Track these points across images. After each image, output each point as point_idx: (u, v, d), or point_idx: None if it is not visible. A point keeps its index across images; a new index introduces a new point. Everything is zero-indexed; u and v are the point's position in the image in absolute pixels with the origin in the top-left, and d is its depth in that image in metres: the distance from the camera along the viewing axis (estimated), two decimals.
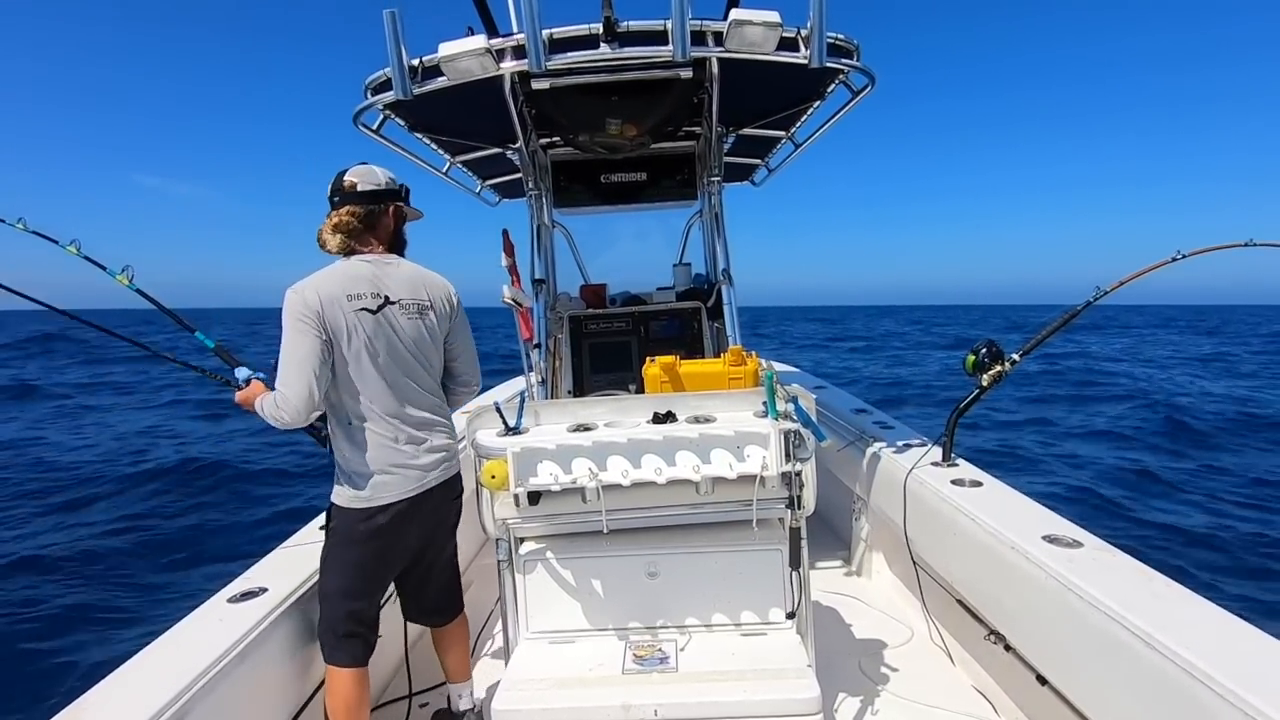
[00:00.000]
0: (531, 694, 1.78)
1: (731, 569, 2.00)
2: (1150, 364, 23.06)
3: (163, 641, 1.81)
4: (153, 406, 15.32)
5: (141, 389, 17.83)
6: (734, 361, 2.36)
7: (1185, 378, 18.97)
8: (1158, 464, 9.27)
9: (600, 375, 3.82)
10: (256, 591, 2.05)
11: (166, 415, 14.15)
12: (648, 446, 1.82)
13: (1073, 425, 12.01)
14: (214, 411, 13.18)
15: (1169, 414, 12.54)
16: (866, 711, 2.27)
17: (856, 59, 2.55)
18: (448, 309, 2.21)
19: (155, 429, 12.63)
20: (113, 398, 16.77)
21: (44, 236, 2.62)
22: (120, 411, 14.71)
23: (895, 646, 2.72)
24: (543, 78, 2.74)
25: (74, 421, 13.45)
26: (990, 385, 2.83)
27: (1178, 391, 15.72)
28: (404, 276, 2.13)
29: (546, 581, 2.04)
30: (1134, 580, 1.85)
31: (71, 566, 6.10)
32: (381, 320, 2.04)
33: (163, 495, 8.36)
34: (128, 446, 10.95)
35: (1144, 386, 16.64)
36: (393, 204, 2.16)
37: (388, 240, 2.17)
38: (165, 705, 1.52)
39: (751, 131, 3.80)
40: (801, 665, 1.82)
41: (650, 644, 1.95)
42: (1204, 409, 13.21)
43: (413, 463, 2.06)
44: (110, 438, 11.72)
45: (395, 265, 2.14)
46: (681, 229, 4.63)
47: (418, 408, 2.10)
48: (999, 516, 2.30)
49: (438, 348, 2.19)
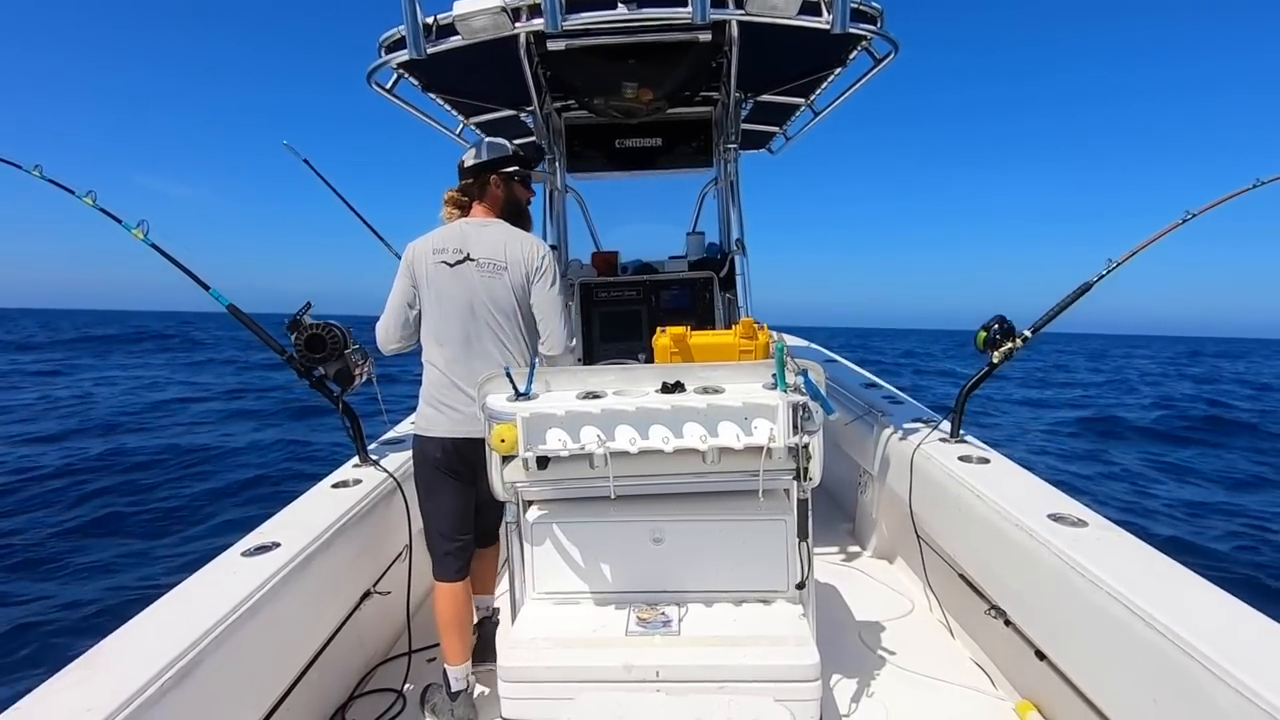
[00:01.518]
0: (536, 652, 1.81)
1: (736, 538, 2.02)
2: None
3: (176, 594, 1.85)
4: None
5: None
6: (745, 334, 2.34)
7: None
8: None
9: (610, 344, 3.82)
10: (270, 546, 2.09)
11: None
12: (656, 416, 1.83)
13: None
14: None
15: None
16: (865, 680, 2.31)
17: (880, 25, 2.48)
18: (522, 271, 2.32)
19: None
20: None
21: (60, 185, 2.62)
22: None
23: (896, 618, 2.75)
24: (558, 38, 2.69)
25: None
26: (1001, 362, 2.80)
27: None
28: (491, 238, 2.31)
29: (553, 544, 2.07)
30: (1137, 560, 1.86)
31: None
32: (458, 274, 2.27)
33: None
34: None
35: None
36: (491, 174, 2.36)
37: (499, 207, 2.40)
38: (177, 656, 1.55)
39: (770, 98, 3.73)
40: (802, 633, 1.85)
41: (654, 608, 1.98)
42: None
43: (462, 409, 2.25)
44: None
45: (487, 228, 2.34)
46: (695, 197, 4.58)
47: (481, 358, 2.27)
48: (1005, 493, 2.31)
49: (514, 305, 2.32)
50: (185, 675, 1.55)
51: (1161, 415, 14.92)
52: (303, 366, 2.60)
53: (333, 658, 2.21)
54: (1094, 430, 13.08)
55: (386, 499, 2.58)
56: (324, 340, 2.58)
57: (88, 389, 15.99)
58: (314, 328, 2.58)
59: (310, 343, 2.58)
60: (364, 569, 2.46)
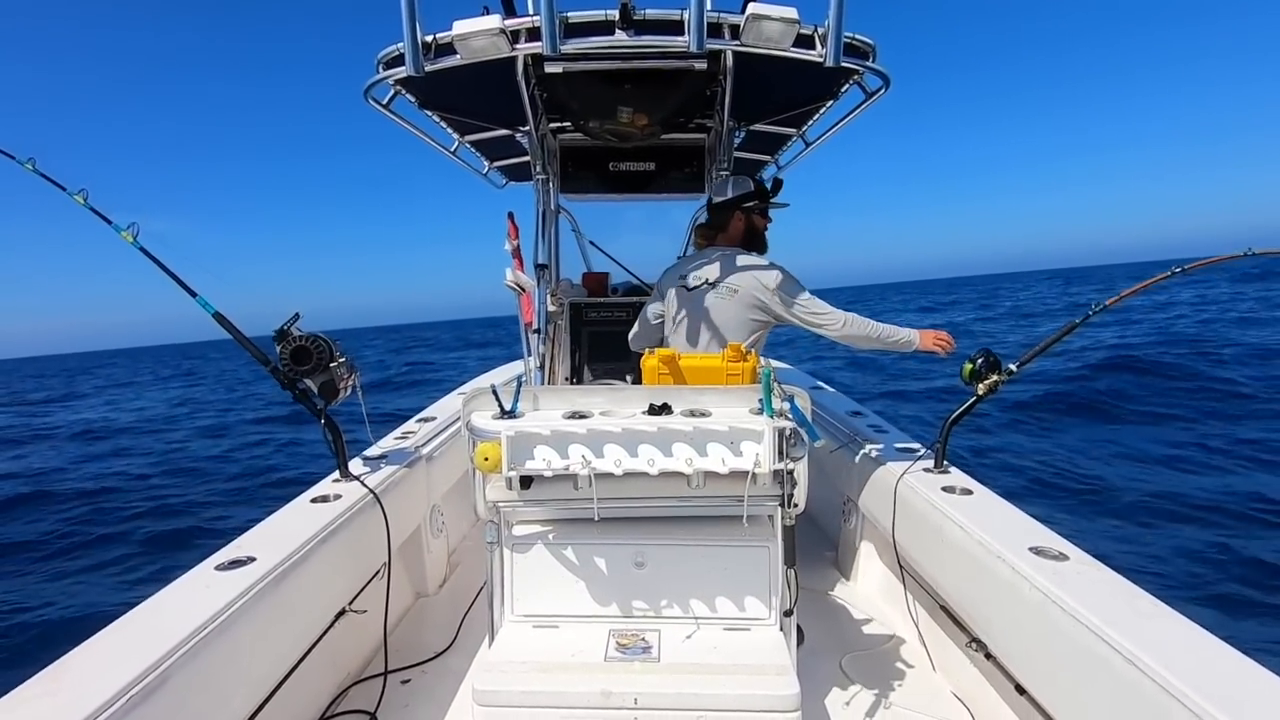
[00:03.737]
0: (513, 676, 1.79)
1: (718, 563, 2.01)
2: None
3: (147, 606, 1.81)
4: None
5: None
6: (733, 357, 2.36)
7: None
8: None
9: (598, 364, 3.81)
10: (245, 560, 2.05)
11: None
12: (642, 437, 1.83)
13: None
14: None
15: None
16: (846, 712, 2.29)
17: (873, 60, 2.53)
18: (757, 297, 2.76)
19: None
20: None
21: (50, 180, 2.57)
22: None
23: (877, 648, 2.74)
24: (556, 61, 2.73)
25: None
26: (985, 395, 2.83)
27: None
28: (727, 266, 2.79)
29: (534, 565, 2.05)
30: (1117, 596, 1.87)
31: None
32: (695, 296, 2.81)
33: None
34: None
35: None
36: (735, 210, 2.92)
37: (738, 238, 2.94)
38: (145, 670, 1.51)
39: (762, 128, 3.79)
40: (783, 662, 1.83)
41: (634, 633, 1.96)
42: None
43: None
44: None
45: (725, 256, 2.84)
46: (686, 223, 4.62)
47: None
48: (987, 525, 2.31)
49: (744, 323, 2.78)
50: (153, 690, 1.51)
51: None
52: (287, 378, 2.57)
53: (305, 676, 2.16)
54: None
55: (366, 515, 2.54)
56: (310, 352, 2.56)
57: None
58: (300, 339, 2.56)
59: (296, 354, 2.55)
60: (341, 586, 2.42)
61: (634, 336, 3.12)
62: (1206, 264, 2.77)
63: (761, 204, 2.97)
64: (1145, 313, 23.31)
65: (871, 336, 2.84)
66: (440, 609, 3.10)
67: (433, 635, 2.82)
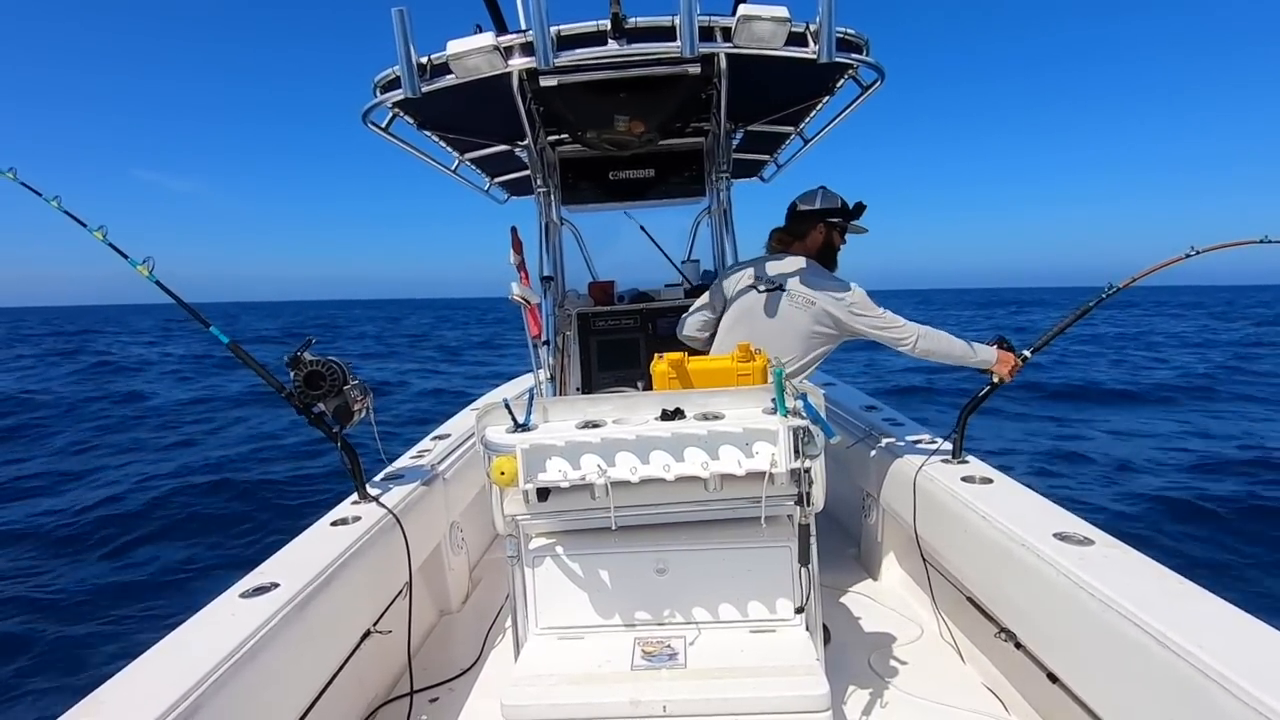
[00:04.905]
0: (540, 690, 1.78)
1: (740, 566, 2.00)
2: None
3: (174, 638, 1.82)
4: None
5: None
6: (742, 358, 2.35)
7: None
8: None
9: (608, 372, 3.82)
10: (268, 587, 2.06)
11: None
12: (656, 443, 1.82)
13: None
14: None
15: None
16: (876, 708, 2.27)
17: (866, 54, 2.53)
18: (831, 314, 2.76)
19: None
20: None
21: (30, 188, 2.55)
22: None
23: (905, 644, 2.71)
24: (550, 75, 2.74)
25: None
26: (1001, 382, 2.81)
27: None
28: (810, 278, 2.81)
29: (555, 578, 2.04)
30: (1146, 578, 1.84)
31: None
32: (767, 299, 2.82)
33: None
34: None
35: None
36: (819, 222, 2.92)
37: (814, 249, 2.94)
38: (176, 701, 1.52)
39: (760, 127, 3.79)
40: (811, 662, 1.82)
41: (659, 640, 1.95)
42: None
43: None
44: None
45: (808, 269, 2.85)
46: (689, 226, 4.62)
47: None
48: (1009, 513, 2.29)
49: (809, 335, 2.78)
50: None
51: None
52: (301, 403, 2.59)
53: (334, 699, 2.17)
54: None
55: (386, 536, 2.55)
56: (323, 376, 2.58)
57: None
58: (313, 364, 2.58)
59: (309, 379, 2.57)
60: (364, 608, 2.43)
61: (682, 322, 3.15)
62: (1219, 248, 2.74)
63: (845, 221, 2.96)
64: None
65: (954, 354, 2.77)
66: (465, 626, 3.10)
67: (458, 652, 2.82)
